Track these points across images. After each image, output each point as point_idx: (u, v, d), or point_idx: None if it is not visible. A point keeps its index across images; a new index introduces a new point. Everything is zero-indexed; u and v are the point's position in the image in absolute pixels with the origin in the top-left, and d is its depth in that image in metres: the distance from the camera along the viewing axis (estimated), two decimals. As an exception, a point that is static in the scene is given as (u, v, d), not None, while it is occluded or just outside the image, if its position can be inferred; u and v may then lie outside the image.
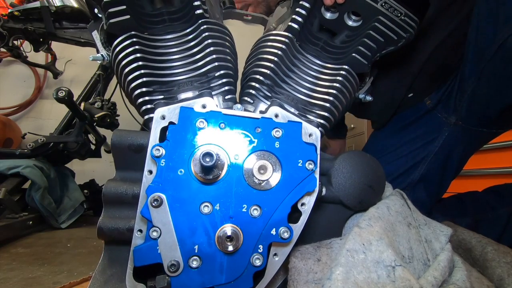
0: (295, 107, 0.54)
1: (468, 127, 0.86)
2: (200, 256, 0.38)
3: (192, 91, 0.51)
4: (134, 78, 0.49)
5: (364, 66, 0.56)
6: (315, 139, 0.45)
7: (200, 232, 0.38)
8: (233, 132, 0.43)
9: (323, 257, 0.49)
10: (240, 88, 0.60)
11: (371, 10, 0.51)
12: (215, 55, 0.51)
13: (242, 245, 0.39)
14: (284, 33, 0.55)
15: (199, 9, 0.52)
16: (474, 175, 1.75)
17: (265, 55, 0.54)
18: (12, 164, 1.54)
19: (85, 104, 1.78)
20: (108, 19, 0.49)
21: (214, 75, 0.51)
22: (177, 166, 0.40)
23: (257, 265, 0.39)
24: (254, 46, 0.62)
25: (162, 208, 0.38)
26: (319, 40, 0.57)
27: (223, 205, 0.40)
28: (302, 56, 0.57)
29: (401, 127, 0.98)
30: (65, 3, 1.87)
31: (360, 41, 0.54)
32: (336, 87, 0.54)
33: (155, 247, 0.37)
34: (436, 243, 0.51)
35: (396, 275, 0.43)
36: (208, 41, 0.51)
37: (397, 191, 0.59)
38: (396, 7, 0.51)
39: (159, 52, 0.52)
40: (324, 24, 0.56)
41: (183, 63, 0.52)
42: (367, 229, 0.48)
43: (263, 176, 0.41)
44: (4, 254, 1.14)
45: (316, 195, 0.44)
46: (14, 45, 1.90)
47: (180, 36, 0.53)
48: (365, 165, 0.52)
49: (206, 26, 0.52)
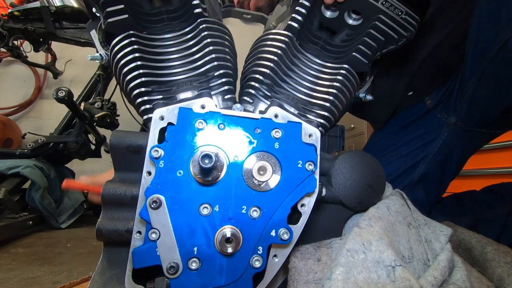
0: (295, 107, 0.54)
1: (468, 128, 0.86)
2: (199, 257, 0.38)
3: (191, 91, 0.50)
4: (133, 78, 0.49)
5: (364, 65, 0.55)
6: (315, 140, 0.45)
7: (199, 233, 0.38)
8: (233, 133, 0.42)
9: (323, 257, 0.49)
10: (240, 88, 0.59)
11: (371, 8, 0.50)
12: (214, 54, 0.50)
13: (242, 247, 0.39)
14: (284, 32, 0.54)
15: (198, 8, 0.51)
16: (474, 175, 1.75)
17: (264, 54, 0.54)
18: (12, 164, 1.54)
19: (85, 104, 1.78)
20: (106, 18, 0.49)
21: (213, 74, 0.51)
22: (176, 167, 0.39)
23: (257, 267, 0.39)
24: (254, 45, 0.61)
25: (161, 209, 0.38)
26: (319, 39, 0.57)
27: (222, 207, 0.39)
28: (302, 55, 0.57)
29: (401, 127, 0.98)
30: (65, 3, 1.87)
31: (361, 40, 0.53)
32: (336, 86, 0.53)
33: (154, 249, 0.37)
34: (436, 243, 0.51)
35: (396, 275, 0.43)
36: (207, 40, 0.51)
37: (397, 191, 0.59)
38: (397, 6, 0.51)
39: (157, 52, 0.51)
40: (324, 22, 0.56)
41: (182, 62, 0.51)
42: (367, 229, 0.48)
43: (263, 177, 0.41)
44: (4, 254, 1.14)
45: (316, 196, 0.44)
46: (14, 45, 1.90)
47: (179, 35, 0.52)
48: (365, 165, 0.52)
49: (205, 25, 0.51)
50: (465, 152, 0.93)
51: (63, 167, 1.92)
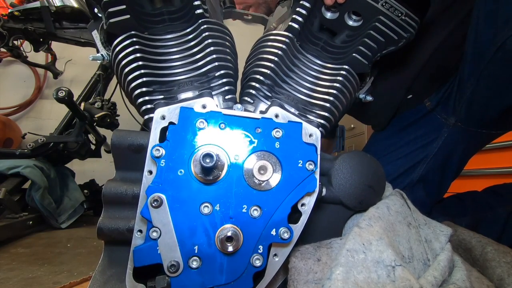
0: (295, 107, 0.54)
1: (467, 128, 0.86)
2: (200, 256, 0.38)
3: (192, 91, 0.50)
4: (134, 78, 0.49)
5: (364, 66, 0.56)
6: (315, 140, 0.45)
7: (200, 232, 0.38)
8: (233, 133, 0.43)
9: (323, 257, 0.49)
10: (240, 88, 0.60)
11: (371, 10, 0.51)
12: (215, 55, 0.51)
13: (242, 246, 0.39)
14: (285, 33, 0.55)
15: (199, 9, 0.52)
16: (474, 175, 1.75)
17: (265, 55, 0.55)
18: (12, 164, 1.54)
19: (85, 104, 1.78)
20: (108, 19, 0.49)
21: (214, 75, 0.51)
22: (177, 166, 0.40)
23: (257, 266, 0.39)
24: (255, 46, 0.62)
25: (162, 208, 0.38)
26: (319, 40, 0.57)
27: (223, 206, 0.40)
28: (303, 56, 0.57)
29: (401, 128, 0.98)
30: (65, 3, 1.87)
31: (361, 41, 0.54)
32: (337, 87, 0.54)
33: (155, 247, 0.37)
34: (436, 243, 0.51)
35: (396, 275, 0.43)
36: (208, 41, 0.51)
37: (397, 191, 0.59)
38: (397, 7, 0.51)
39: (159, 52, 0.52)
40: (324, 24, 0.56)
41: (183, 63, 0.52)
42: (367, 229, 0.48)
43: (263, 176, 0.42)
44: (4, 254, 1.14)
45: (316, 196, 0.44)
46: (14, 45, 1.90)
47: (180, 36, 0.53)
48: (365, 166, 0.52)
49: (206, 26, 0.52)
50: (466, 153, 0.94)
51: (63, 167, 1.92)
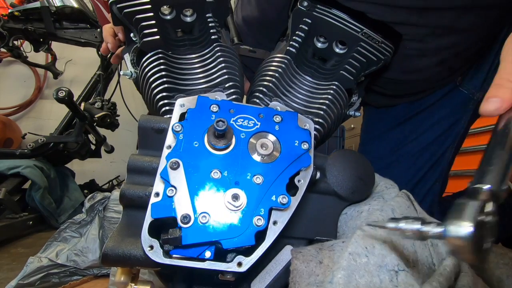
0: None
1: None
2: (208, 213, 0.44)
3: (206, 97, 0.63)
4: (158, 85, 0.60)
5: (350, 82, 0.67)
6: (309, 128, 0.54)
7: (210, 193, 0.45)
8: (241, 116, 0.52)
9: (325, 260, 0.49)
10: (246, 101, 0.67)
11: (354, 39, 0.65)
12: (226, 70, 0.63)
13: (246, 207, 0.45)
14: (283, 55, 0.67)
15: (214, 35, 0.65)
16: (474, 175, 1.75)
17: (268, 71, 0.66)
18: (12, 164, 1.54)
19: (85, 104, 1.78)
20: (142, 39, 0.62)
21: (224, 86, 0.63)
22: (193, 139, 0.48)
23: (259, 225, 0.44)
24: (259, 68, 0.71)
25: (179, 170, 0.45)
26: (313, 64, 0.70)
27: (230, 173, 0.47)
28: (299, 75, 0.69)
29: (419, 111, 0.85)
30: (65, 3, 1.86)
31: (347, 61, 0.66)
32: (328, 98, 0.65)
33: (171, 203, 0.43)
34: (442, 247, 0.50)
35: (399, 280, 0.42)
36: (220, 59, 0.64)
37: (404, 192, 0.58)
38: (374, 36, 0.65)
39: (180, 67, 0.64)
40: (316, 52, 0.69)
41: (199, 76, 0.64)
42: (370, 232, 0.47)
43: (265, 151, 0.49)
44: (4, 254, 1.14)
45: (311, 172, 0.50)
46: (14, 45, 1.89)
47: (198, 56, 0.66)
48: (355, 161, 0.59)
49: (219, 48, 0.65)
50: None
51: (63, 167, 1.92)
